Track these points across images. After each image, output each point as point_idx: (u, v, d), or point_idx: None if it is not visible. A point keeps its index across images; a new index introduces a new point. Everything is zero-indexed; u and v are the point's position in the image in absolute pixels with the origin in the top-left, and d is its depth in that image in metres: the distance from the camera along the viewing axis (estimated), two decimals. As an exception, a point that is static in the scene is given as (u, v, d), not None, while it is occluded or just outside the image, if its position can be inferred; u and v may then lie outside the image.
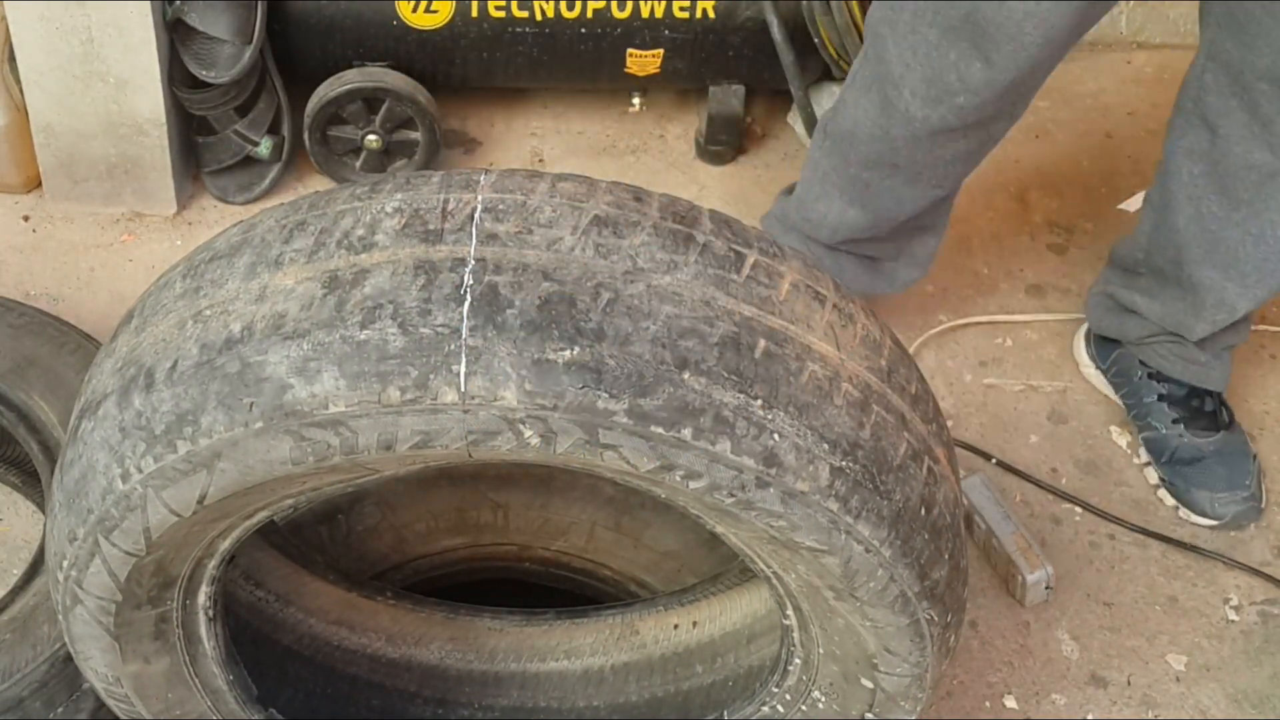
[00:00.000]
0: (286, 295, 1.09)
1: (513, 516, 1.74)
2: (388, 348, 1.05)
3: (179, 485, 1.12)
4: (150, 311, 1.17)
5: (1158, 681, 1.92)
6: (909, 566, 1.18)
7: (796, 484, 1.10)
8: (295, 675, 1.49)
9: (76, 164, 2.31)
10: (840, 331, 1.16)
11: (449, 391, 1.04)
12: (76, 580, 1.22)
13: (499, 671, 1.63)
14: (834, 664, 1.33)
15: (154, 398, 1.10)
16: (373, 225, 1.11)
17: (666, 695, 1.60)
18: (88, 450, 1.15)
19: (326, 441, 1.08)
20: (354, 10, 2.30)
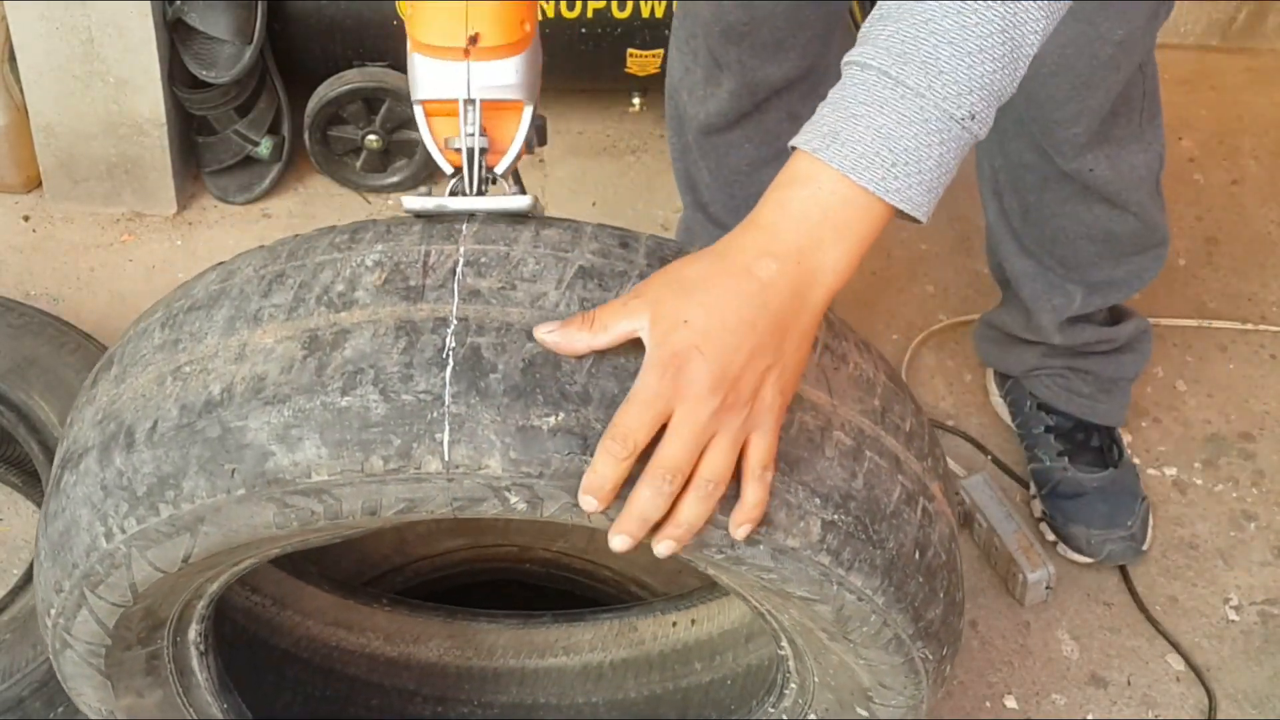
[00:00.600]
0: (266, 356, 1.07)
1: (513, 518, 1.73)
2: (369, 415, 1.03)
3: (163, 546, 1.11)
4: (130, 361, 1.15)
5: (1158, 681, 1.92)
6: (903, 611, 1.16)
7: (787, 540, 1.08)
8: (293, 678, 1.49)
9: (76, 164, 2.31)
10: (832, 375, 1.13)
11: (433, 460, 1.02)
12: (65, 628, 1.21)
13: (498, 668, 1.63)
14: (829, 693, 1.33)
15: (135, 458, 1.09)
16: (353, 281, 1.08)
17: (665, 692, 1.60)
18: (71, 505, 1.14)
19: (310, 508, 1.06)
20: (354, 10, 2.30)
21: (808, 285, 0.99)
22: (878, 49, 0.99)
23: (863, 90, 0.98)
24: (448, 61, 1.10)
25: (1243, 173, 2.56)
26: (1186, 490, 2.12)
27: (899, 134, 0.97)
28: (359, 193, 2.42)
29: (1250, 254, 2.42)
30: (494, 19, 1.09)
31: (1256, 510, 2.11)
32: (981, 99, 0.99)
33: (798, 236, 0.99)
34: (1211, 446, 2.17)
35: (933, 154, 0.98)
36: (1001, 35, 0.99)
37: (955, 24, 0.97)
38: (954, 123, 0.98)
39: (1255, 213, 2.50)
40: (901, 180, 0.98)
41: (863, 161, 0.97)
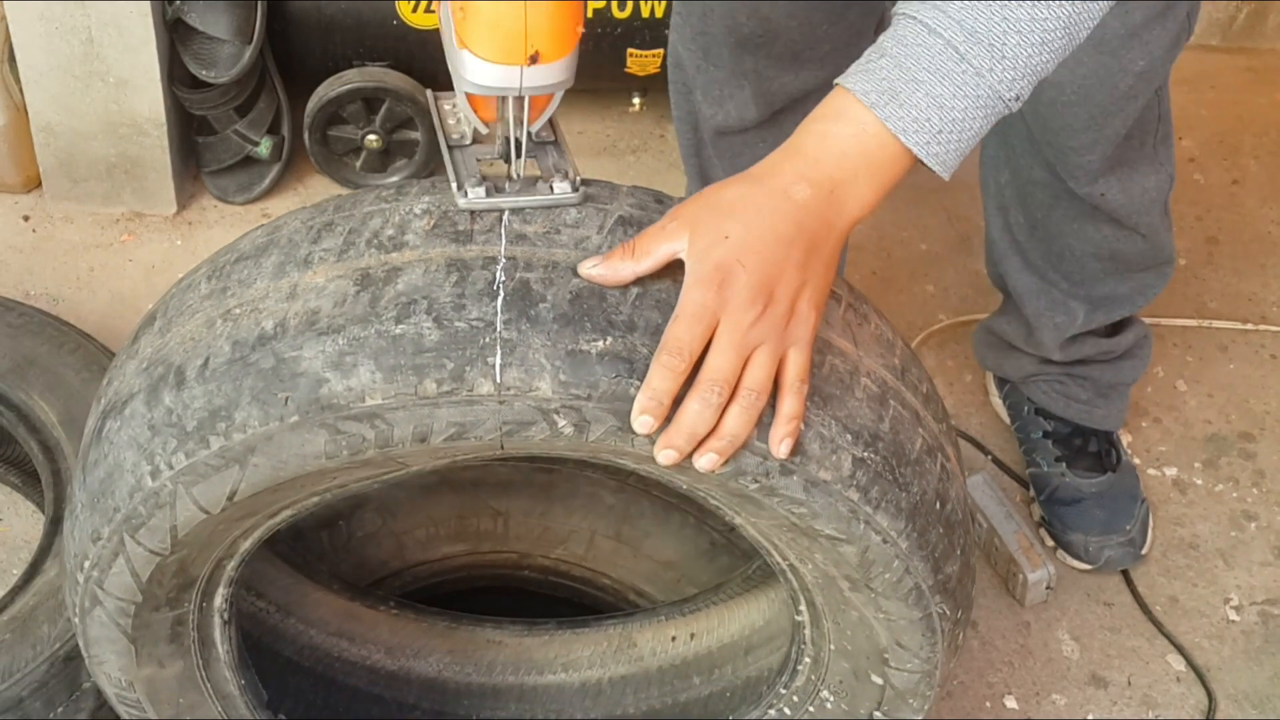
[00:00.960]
0: (319, 293, 1.11)
1: (513, 524, 1.74)
2: (423, 341, 1.07)
3: (210, 481, 1.13)
4: (175, 312, 1.18)
5: (1158, 681, 1.92)
6: (924, 559, 1.19)
7: (819, 472, 1.12)
8: (295, 687, 1.49)
9: (76, 164, 2.31)
10: (856, 329, 1.18)
11: (485, 383, 1.06)
12: (98, 581, 1.22)
13: (497, 684, 1.63)
14: (844, 660, 1.34)
15: (185, 394, 1.11)
16: (402, 226, 1.13)
17: (664, 707, 1.60)
18: (114, 450, 1.16)
19: (362, 435, 1.09)
20: (354, 10, 2.30)
21: (837, 213, 1.06)
22: (949, 19, 1.03)
23: (927, 56, 1.04)
24: (502, 66, 1.09)
25: (1243, 173, 2.56)
26: (1186, 490, 2.12)
27: (952, 104, 1.04)
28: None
29: (1250, 254, 2.42)
30: (553, 36, 1.08)
31: (1256, 510, 2.11)
32: (1030, 83, 1.05)
33: (834, 169, 1.06)
34: (1212, 446, 2.17)
35: (975, 125, 1.05)
36: (1064, 31, 1.05)
37: (1027, 15, 1.03)
38: (1001, 101, 1.05)
39: (1255, 213, 2.50)
40: (942, 146, 1.05)
41: (914, 125, 1.04)
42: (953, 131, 1.04)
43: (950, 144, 1.05)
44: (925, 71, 1.03)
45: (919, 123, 1.04)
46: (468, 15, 1.07)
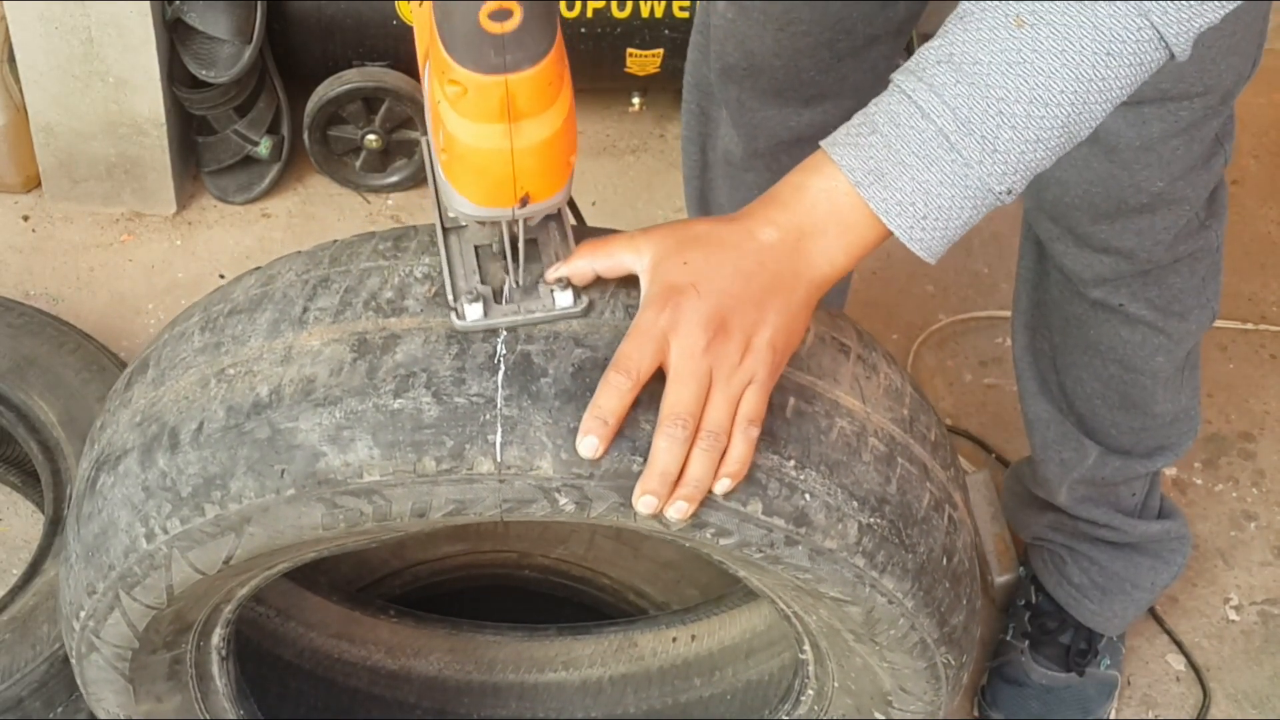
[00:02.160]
0: (314, 358, 1.08)
1: (513, 524, 1.73)
2: (422, 417, 1.05)
3: (205, 547, 1.11)
4: (168, 364, 1.16)
5: (1158, 681, 1.92)
6: (930, 615, 1.18)
7: (825, 542, 1.10)
8: (296, 689, 1.49)
9: (76, 164, 2.31)
10: (865, 384, 1.16)
11: (485, 462, 1.05)
12: (94, 630, 1.22)
13: (498, 683, 1.63)
14: (848, 698, 1.34)
15: (179, 459, 1.09)
16: (401, 289, 1.10)
17: (664, 708, 1.60)
18: (108, 506, 1.14)
19: (359, 509, 1.07)
20: (354, 10, 2.30)
21: (804, 263, 1.04)
22: (944, 103, 1.01)
23: (916, 140, 1.01)
24: (491, 209, 1.04)
25: (1243, 173, 2.55)
26: (1186, 490, 2.12)
27: (938, 191, 1.01)
28: (358, 192, 2.41)
29: (1250, 254, 2.42)
30: (544, 177, 1.02)
31: (1256, 510, 2.11)
32: (1023, 178, 1.02)
33: (802, 219, 1.04)
34: (1211, 446, 2.17)
35: (962, 215, 1.03)
36: (1061, 130, 1.01)
37: (1024, 112, 1.00)
38: (991, 194, 1.02)
39: (1255, 213, 2.50)
40: (926, 232, 1.02)
41: (897, 208, 1.02)
42: (938, 219, 1.02)
43: (935, 231, 1.02)
44: (913, 155, 1.01)
45: (902, 206, 1.01)
46: (452, 159, 1.01)
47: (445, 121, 0.98)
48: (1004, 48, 1.00)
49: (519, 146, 0.98)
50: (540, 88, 0.96)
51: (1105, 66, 1.00)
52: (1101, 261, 1.54)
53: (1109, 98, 1.01)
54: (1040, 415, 1.75)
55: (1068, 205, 1.49)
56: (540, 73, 0.95)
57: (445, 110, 0.97)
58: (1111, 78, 1.00)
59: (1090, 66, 0.99)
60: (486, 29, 0.92)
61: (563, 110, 0.99)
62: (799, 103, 1.62)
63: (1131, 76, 1.01)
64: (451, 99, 0.96)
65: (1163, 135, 1.41)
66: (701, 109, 1.76)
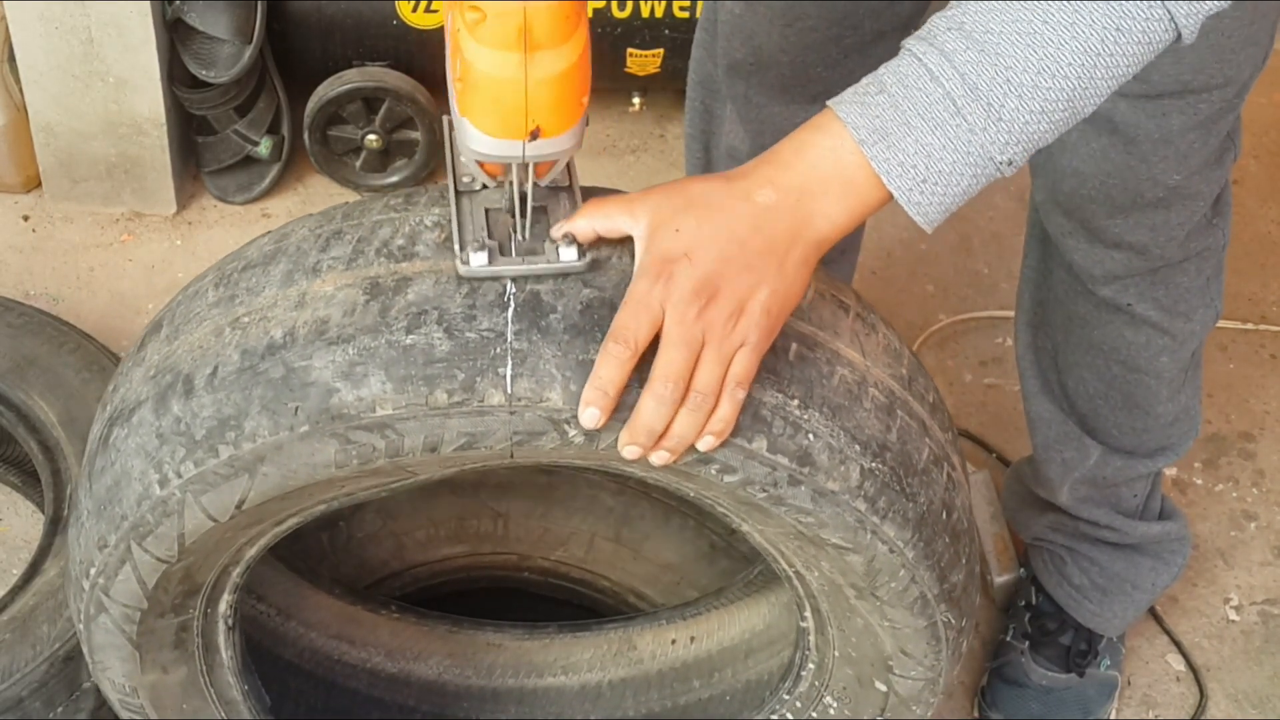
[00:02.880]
0: (328, 301, 1.10)
1: (512, 526, 1.74)
2: (434, 351, 1.06)
3: (219, 490, 1.12)
4: (182, 320, 1.17)
5: (1158, 681, 1.92)
6: (930, 569, 1.19)
7: (828, 483, 1.12)
8: (296, 690, 1.49)
9: (76, 164, 2.31)
10: (864, 339, 1.18)
11: (495, 394, 1.06)
12: (104, 588, 1.22)
13: (497, 687, 1.63)
14: (849, 667, 1.34)
15: (194, 403, 1.11)
16: (412, 236, 1.12)
17: (664, 710, 1.60)
18: (121, 457, 1.15)
19: (372, 444, 1.09)
20: (354, 10, 2.30)
21: (803, 223, 1.04)
22: (953, 69, 1.01)
23: (924, 102, 1.01)
24: (503, 140, 1.06)
25: (1243, 173, 2.56)
26: (1186, 490, 2.12)
27: (940, 155, 1.02)
28: (358, 192, 2.42)
29: (1250, 254, 2.42)
30: (554, 111, 1.03)
31: (1256, 510, 2.11)
32: (1025, 150, 1.03)
33: (804, 178, 1.04)
34: (1211, 446, 2.17)
35: (962, 182, 1.03)
36: (1066, 104, 1.02)
37: (1030, 82, 1.00)
38: (992, 163, 1.02)
39: (1255, 213, 2.50)
40: (925, 196, 1.02)
41: (899, 169, 1.02)
42: (937, 183, 1.02)
43: (933, 195, 1.03)
44: (919, 118, 1.01)
45: (904, 167, 1.02)
46: (467, 87, 1.03)
47: (463, 48, 1.00)
48: (1015, 17, 1.00)
49: (533, 77, 1.00)
50: (557, 19, 0.98)
51: (1114, 42, 1.00)
52: (1113, 258, 1.54)
53: (1115, 74, 1.02)
54: (1042, 415, 1.75)
55: (1084, 198, 1.49)
56: (559, 3, 0.98)
57: (464, 37, 0.99)
58: (1119, 54, 1.01)
59: (1099, 41, 1.00)
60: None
61: (578, 46, 1.01)
62: (806, 99, 1.62)
63: (1138, 54, 1.02)
64: (470, 25, 0.98)
65: (1182, 128, 1.41)
66: (705, 106, 1.76)
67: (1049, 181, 1.52)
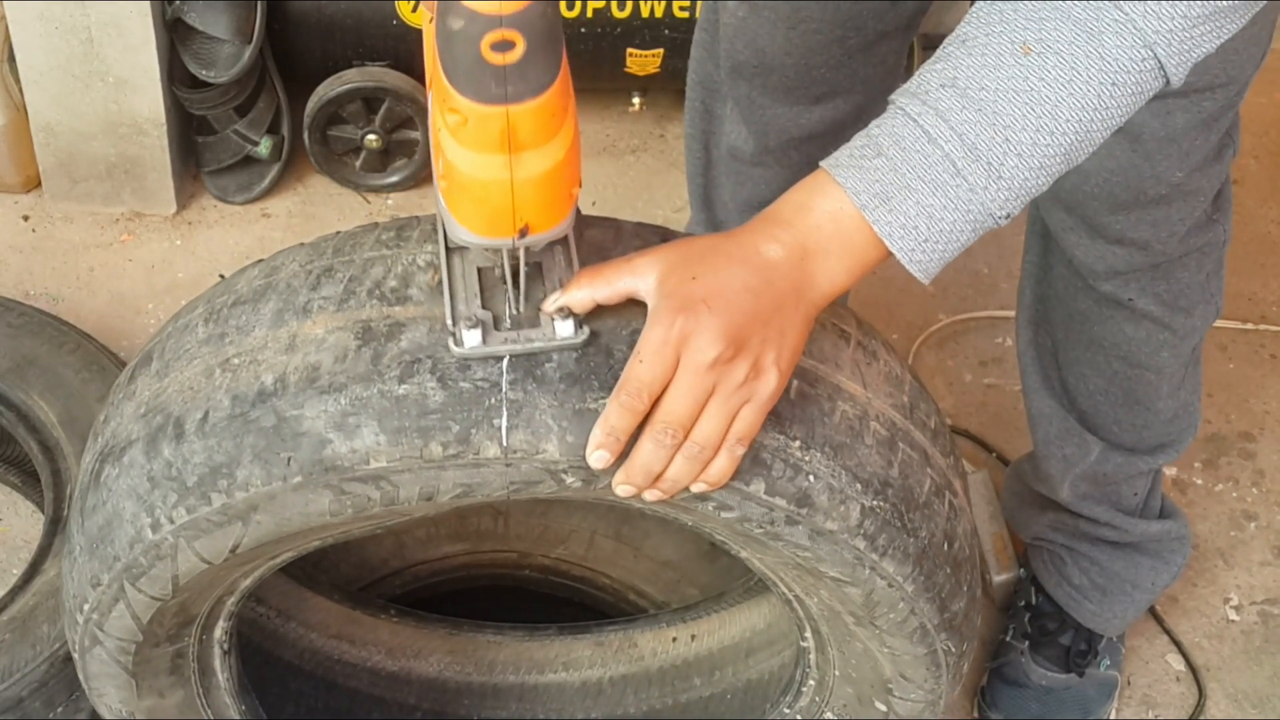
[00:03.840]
0: (319, 346, 1.08)
1: (513, 524, 1.73)
2: (428, 402, 1.05)
3: (212, 536, 1.11)
4: (172, 356, 1.16)
5: (1158, 681, 1.92)
6: (930, 601, 1.19)
7: (826, 523, 1.11)
8: (296, 690, 1.49)
9: (76, 164, 2.31)
10: (865, 370, 1.17)
11: (491, 446, 1.05)
12: (98, 623, 1.21)
13: (497, 684, 1.63)
14: (849, 686, 1.34)
15: (185, 448, 1.09)
16: (405, 278, 1.11)
17: (664, 708, 1.60)
18: (113, 498, 1.14)
19: (367, 495, 1.08)
20: (354, 10, 2.30)
21: (807, 282, 1.04)
22: (950, 130, 1.01)
23: (923, 165, 1.01)
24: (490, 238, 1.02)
25: (1243, 173, 2.56)
26: (1186, 490, 2.12)
27: (941, 216, 1.02)
28: (358, 192, 2.42)
29: (1250, 254, 2.42)
30: (544, 209, 1.00)
31: (1256, 510, 2.11)
32: (1022, 203, 1.03)
33: (806, 238, 1.04)
34: (1211, 446, 2.17)
35: (962, 238, 1.04)
36: (1064, 158, 1.02)
37: (1030, 140, 1.01)
38: (991, 218, 1.03)
39: (1255, 213, 2.50)
40: (927, 255, 1.03)
41: (900, 231, 1.02)
42: (939, 241, 1.03)
43: (935, 253, 1.03)
44: (919, 180, 1.01)
45: (906, 230, 1.02)
46: (452, 187, 0.99)
47: (445, 150, 0.97)
48: (1011, 75, 1.00)
49: (519, 178, 0.96)
50: (542, 120, 0.95)
51: (1109, 96, 1.00)
52: (1114, 253, 1.54)
53: (1109, 126, 1.02)
54: (1043, 411, 1.75)
55: (1086, 195, 1.49)
56: (543, 105, 0.94)
57: (445, 139, 0.96)
58: (1114, 106, 1.01)
59: (1095, 96, 1.00)
60: (488, 60, 0.91)
61: (565, 142, 0.97)
62: (809, 100, 1.62)
63: (1131, 105, 1.02)
64: (452, 128, 0.95)
65: (1186, 127, 1.42)
66: (706, 106, 1.76)
67: None
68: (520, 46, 0.91)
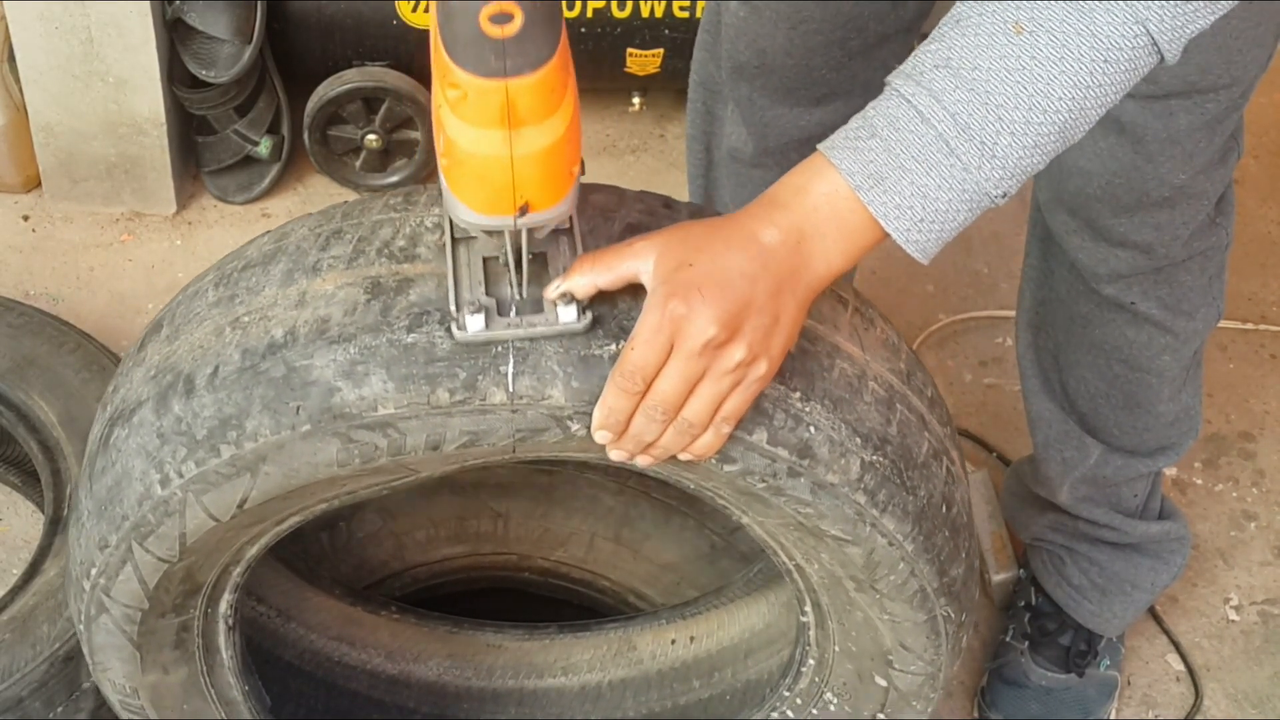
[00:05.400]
0: (328, 300, 1.10)
1: (513, 526, 1.74)
2: (435, 350, 1.06)
3: (220, 489, 1.12)
4: (182, 320, 1.17)
5: (1158, 681, 1.92)
6: (930, 562, 1.20)
7: (827, 476, 1.12)
8: (296, 691, 1.49)
9: (76, 164, 2.31)
10: (863, 334, 1.18)
11: (498, 392, 1.06)
12: (104, 588, 1.22)
13: (497, 688, 1.63)
14: (849, 662, 1.34)
15: (195, 403, 1.11)
16: (413, 238, 1.12)
17: (664, 710, 1.60)
18: (122, 457, 1.15)
19: (374, 443, 1.09)
20: (354, 10, 2.30)
21: (803, 265, 1.05)
22: (944, 110, 1.01)
23: (916, 145, 1.02)
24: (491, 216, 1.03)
25: (1243, 173, 2.56)
26: (1186, 490, 2.12)
27: (936, 195, 1.03)
28: (358, 192, 2.42)
29: (1250, 254, 2.42)
30: (544, 186, 1.00)
31: (1256, 510, 2.11)
32: (1018, 181, 1.04)
33: (803, 221, 1.04)
34: (1211, 446, 2.17)
35: (958, 218, 1.04)
36: (1058, 135, 1.02)
37: (1023, 118, 1.01)
38: (987, 197, 1.04)
39: (1255, 213, 2.50)
40: (923, 234, 1.04)
41: (896, 211, 1.03)
42: (934, 221, 1.03)
43: (930, 233, 1.04)
44: (913, 160, 1.02)
45: (901, 210, 1.03)
46: (452, 164, 1.00)
47: (446, 126, 0.98)
48: (1003, 54, 1.00)
49: (518, 154, 0.97)
50: (542, 94, 0.95)
51: (1102, 73, 1.01)
52: (1118, 256, 1.54)
53: (1103, 102, 1.02)
54: (1043, 414, 1.75)
55: (1089, 197, 1.49)
56: (541, 79, 0.95)
57: (446, 114, 0.97)
58: (1107, 84, 1.01)
59: (1088, 74, 1.00)
60: (487, 32, 0.92)
61: (565, 119, 0.98)
62: (810, 101, 1.62)
63: (1125, 81, 1.02)
64: (452, 103, 0.96)
65: (1188, 128, 1.42)
66: (707, 107, 1.76)
67: (1054, 180, 1.52)
68: (519, 19, 0.91)
